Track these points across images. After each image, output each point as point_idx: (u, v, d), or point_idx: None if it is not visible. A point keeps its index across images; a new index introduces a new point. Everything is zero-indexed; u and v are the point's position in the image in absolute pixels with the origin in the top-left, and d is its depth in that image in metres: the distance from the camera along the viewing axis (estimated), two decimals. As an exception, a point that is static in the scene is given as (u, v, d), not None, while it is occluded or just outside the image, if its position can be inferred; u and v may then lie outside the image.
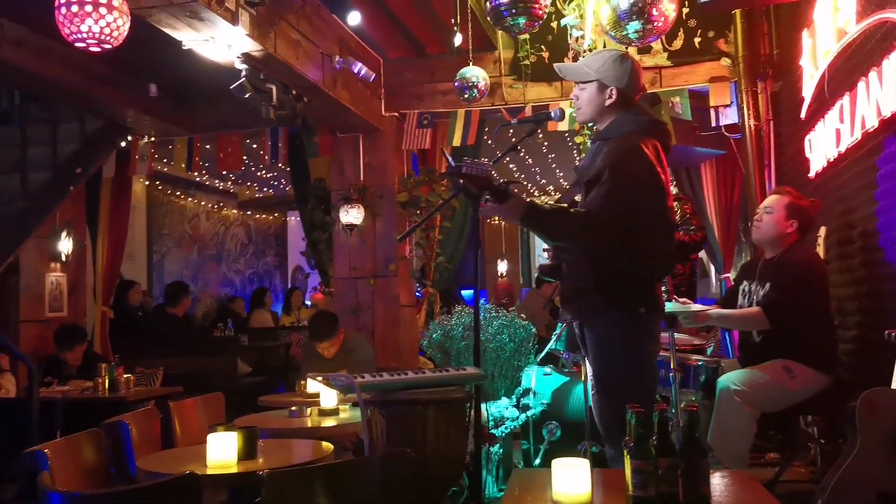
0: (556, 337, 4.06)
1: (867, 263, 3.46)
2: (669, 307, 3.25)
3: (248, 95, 4.12)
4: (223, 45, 3.85)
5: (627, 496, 1.71)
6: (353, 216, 5.68)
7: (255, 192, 10.81)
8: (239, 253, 11.08)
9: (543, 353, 4.25)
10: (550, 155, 8.35)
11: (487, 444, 3.86)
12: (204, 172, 9.17)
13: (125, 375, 4.78)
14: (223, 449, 2.51)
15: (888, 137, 3.00)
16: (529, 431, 4.06)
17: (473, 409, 2.54)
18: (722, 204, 6.50)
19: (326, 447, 2.79)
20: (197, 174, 9.10)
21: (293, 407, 3.61)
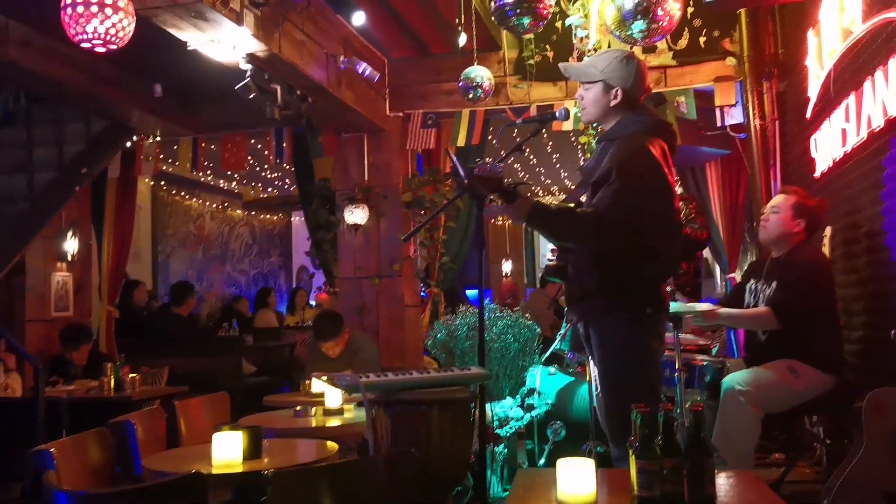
0: (560, 337, 4.06)
1: (873, 263, 3.44)
2: (675, 307, 3.25)
3: (252, 96, 4.13)
4: (228, 45, 3.86)
5: (632, 496, 1.70)
6: (357, 216, 5.69)
7: (259, 192, 10.82)
8: (243, 253, 11.10)
9: (548, 353, 4.25)
10: (555, 155, 8.34)
11: (492, 443, 3.86)
12: (209, 172, 9.19)
13: (130, 375, 4.79)
14: (228, 448, 2.51)
15: (894, 137, 2.99)
16: (534, 431, 4.06)
17: (478, 408, 2.55)
18: (727, 204, 6.48)
19: (331, 447, 2.80)
20: (202, 174, 9.11)
21: (298, 406, 3.62)
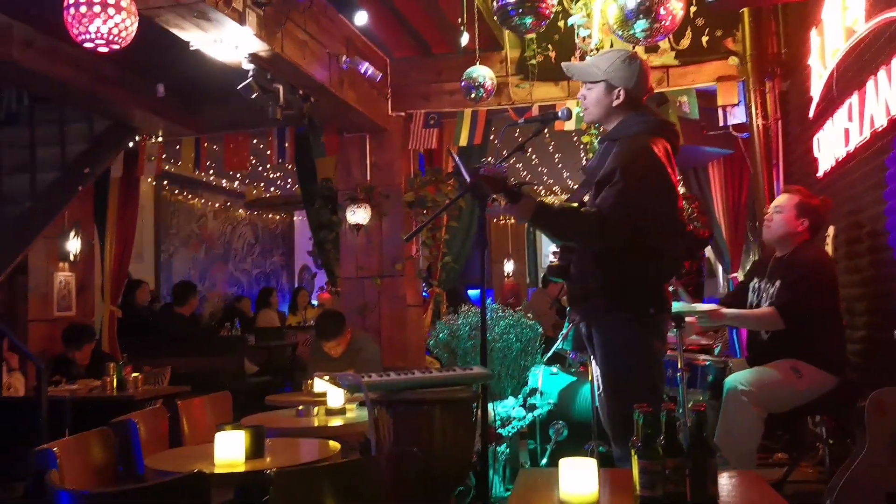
0: (562, 337, 4.06)
1: (876, 263, 3.44)
2: (677, 307, 3.25)
3: (255, 95, 4.14)
4: (230, 45, 3.86)
5: (635, 496, 1.70)
6: (359, 216, 5.69)
7: (262, 191, 10.84)
8: (246, 252, 11.11)
9: (550, 352, 4.25)
10: (557, 155, 8.34)
11: (494, 443, 3.86)
12: (211, 172, 9.20)
13: (133, 374, 4.80)
14: (231, 448, 2.51)
15: (897, 136, 2.99)
16: (536, 431, 4.06)
17: (480, 408, 2.55)
18: (729, 203, 6.47)
19: (333, 446, 2.79)
20: (204, 174, 9.13)
21: (300, 406, 3.61)
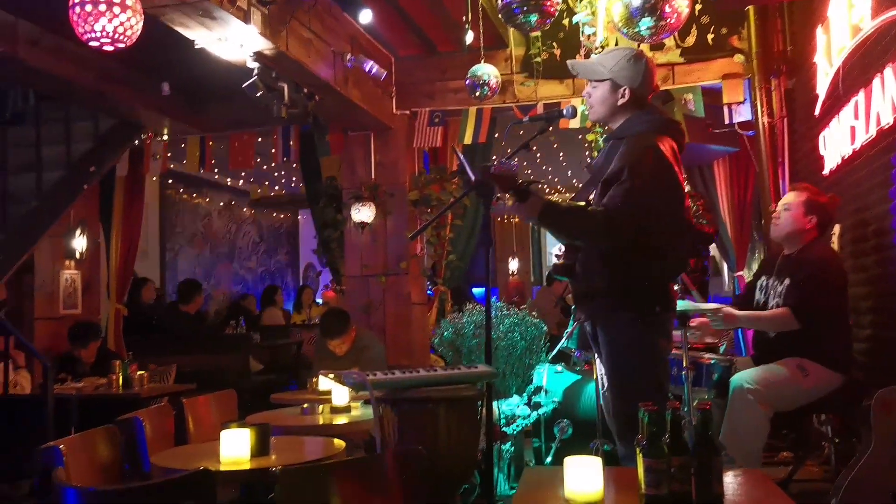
0: (567, 335, 4.05)
1: (882, 261, 3.43)
2: (682, 305, 3.24)
3: (259, 94, 4.14)
4: (235, 43, 3.86)
5: (640, 494, 1.70)
6: (364, 214, 5.69)
7: (266, 190, 10.85)
8: (251, 251, 11.12)
9: (555, 351, 4.25)
10: (562, 153, 8.33)
11: (499, 441, 3.86)
12: (216, 171, 9.21)
13: (139, 372, 4.81)
14: (236, 445, 2.52)
15: (904, 134, 2.98)
16: (541, 429, 4.06)
17: (485, 406, 2.54)
18: (735, 201, 6.46)
19: (338, 444, 2.80)
20: (209, 173, 9.14)
21: (305, 404, 3.62)
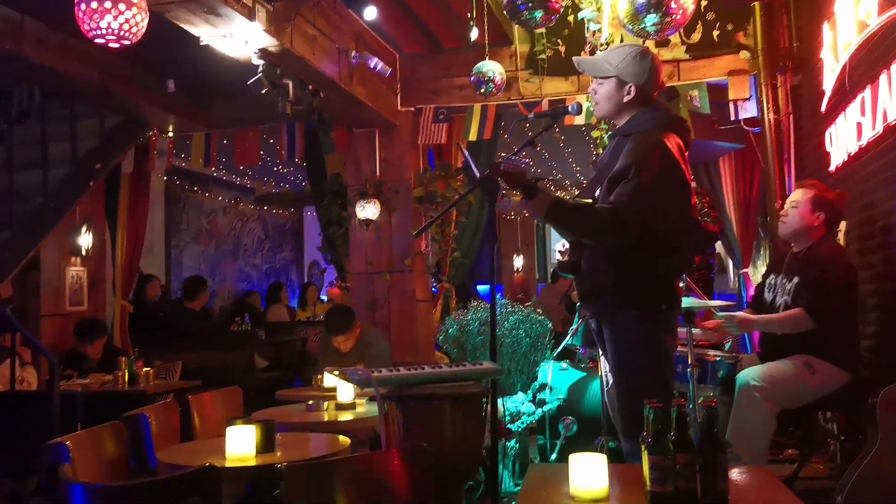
0: (572, 332, 4.05)
1: (888, 259, 3.41)
2: (688, 302, 3.23)
3: (264, 91, 4.14)
4: (240, 40, 3.87)
5: (645, 492, 1.70)
6: (369, 211, 5.70)
7: (271, 187, 10.86)
8: (256, 248, 11.14)
9: (560, 348, 4.25)
10: (567, 149, 8.31)
11: (504, 438, 3.86)
12: (221, 168, 9.23)
13: (144, 369, 4.83)
14: (242, 442, 2.53)
15: (911, 131, 2.97)
16: (546, 426, 4.05)
17: (490, 403, 2.55)
18: (741, 198, 6.44)
19: (343, 441, 2.80)
20: (214, 169, 9.15)
21: (310, 401, 3.62)
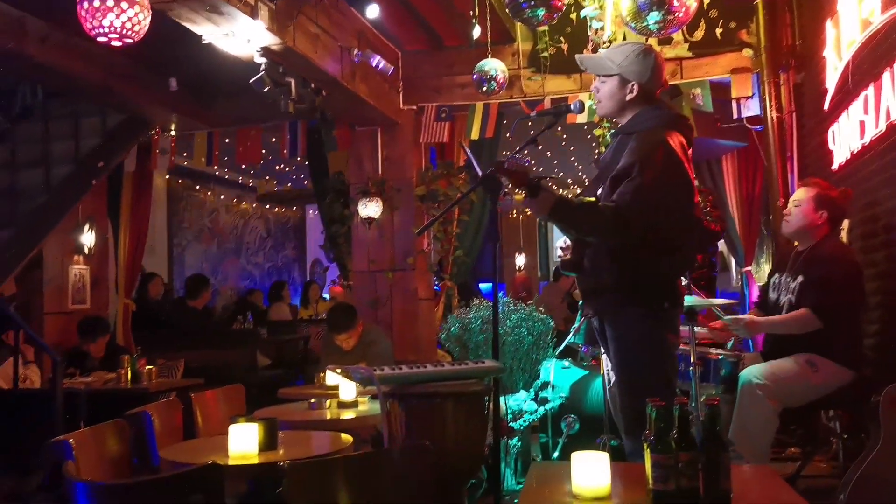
0: (574, 330, 4.05)
1: (891, 257, 3.41)
2: (689, 300, 3.23)
3: (267, 89, 4.15)
4: (242, 38, 3.87)
5: (647, 490, 1.70)
6: (371, 210, 5.70)
7: (273, 185, 10.86)
8: (258, 246, 11.14)
9: (562, 346, 4.24)
10: (570, 148, 8.31)
11: (506, 436, 3.86)
12: (223, 166, 9.23)
13: (147, 367, 4.84)
14: (244, 440, 2.53)
15: (914, 129, 2.96)
16: (548, 425, 4.06)
17: (492, 402, 2.55)
18: (743, 196, 6.43)
19: (346, 439, 2.81)
20: (217, 168, 9.16)
21: (312, 399, 3.63)
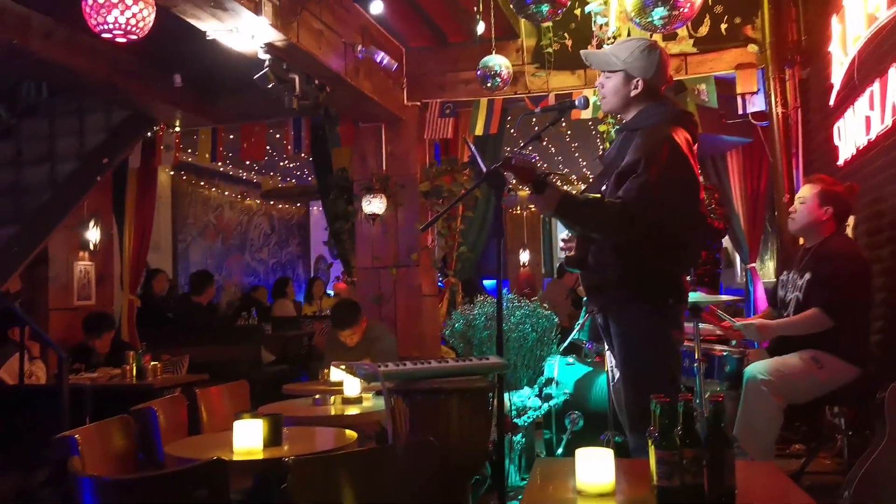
0: (578, 327, 4.05)
1: (897, 253, 3.40)
2: (693, 297, 3.22)
3: (271, 85, 4.15)
4: (246, 35, 3.87)
5: (652, 486, 1.70)
6: (375, 206, 5.70)
7: (278, 182, 10.87)
8: (262, 242, 11.16)
9: (566, 342, 4.24)
10: (574, 144, 8.29)
11: (510, 433, 3.86)
12: (228, 162, 9.24)
13: (152, 363, 4.84)
14: (249, 436, 2.54)
15: (920, 124, 2.95)
16: (552, 421, 4.06)
17: (496, 398, 2.54)
18: (748, 193, 6.42)
19: (350, 435, 2.81)
20: (221, 164, 9.17)
21: (317, 395, 3.63)
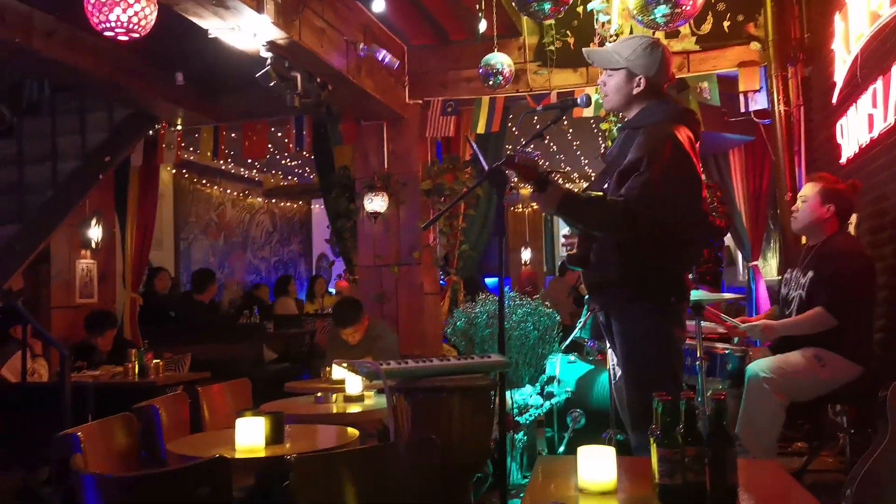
0: (580, 325, 4.05)
1: (899, 251, 3.39)
2: (696, 295, 3.22)
3: (273, 83, 4.15)
4: (248, 33, 3.87)
5: (654, 484, 1.70)
6: (377, 204, 5.70)
7: (280, 180, 10.88)
8: (264, 240, 11.17)
9: (568, 341, 4.25)
10: (576, 142, 8.28)
11: (512, 431, 3.86)
12: (230, 161, 9.24)
13: (154, 361, 4.85)
14: (251, 433, 2.54)
15: (923, 122, 2.94)
16: (554, 419, 4.06)
17: (498, 396, 2.54)
18: (750, 191, 6.41)
19: (352, 433, 2.81)
20: (223, 162, 9.17)
21: (319, 393, 3.64)
